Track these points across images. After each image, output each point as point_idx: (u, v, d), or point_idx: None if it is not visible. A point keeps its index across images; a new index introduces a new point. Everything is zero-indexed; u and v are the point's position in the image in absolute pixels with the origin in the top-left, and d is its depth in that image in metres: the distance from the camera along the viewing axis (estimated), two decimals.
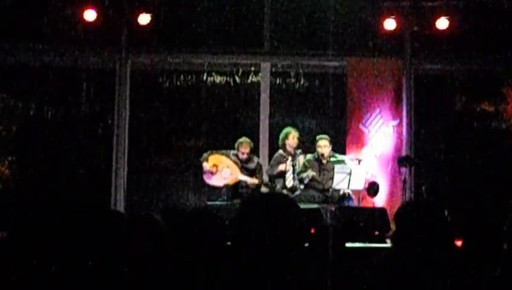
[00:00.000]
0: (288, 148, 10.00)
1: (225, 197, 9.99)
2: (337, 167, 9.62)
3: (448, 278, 3.01)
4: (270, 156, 10.66)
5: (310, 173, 9.82)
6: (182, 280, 3.25)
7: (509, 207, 3.47)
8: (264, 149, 11.15)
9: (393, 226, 3.25)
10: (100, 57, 11.25)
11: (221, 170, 9.96)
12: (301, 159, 10.01)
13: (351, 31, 11.31)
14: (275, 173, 10.07)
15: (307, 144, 10.31)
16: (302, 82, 11.71)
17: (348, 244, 6.42)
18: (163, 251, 3.18)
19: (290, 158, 9.93)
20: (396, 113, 11.16)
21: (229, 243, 2.64)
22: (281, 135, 10.09)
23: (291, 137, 9.98)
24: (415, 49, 11.31)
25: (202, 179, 10.12)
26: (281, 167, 9.97)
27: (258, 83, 11.58)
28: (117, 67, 11.24)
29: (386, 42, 11.26)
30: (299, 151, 10.05)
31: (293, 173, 9.92)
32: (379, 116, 11.11)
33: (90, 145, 11.22)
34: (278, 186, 9.98)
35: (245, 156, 10.02)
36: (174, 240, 3.78)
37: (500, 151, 11.26)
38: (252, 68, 11.64)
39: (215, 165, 9.97)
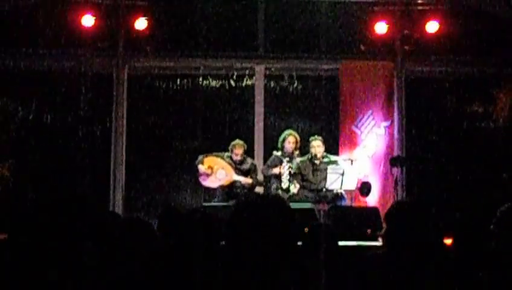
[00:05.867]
0: (286, 150, 10.15)
1: (221, 198, 10.11)
2: (330, 168, 9.70)
3: (438, 275, 3.05)
4: (265, 157, 10.77)
5: (296, 188, 9.93)
6: (179, 280, 3.29)
7: (497, 206, 3.53)
8: (259, 151, 11.21)
9: (385, 225, 3.34)
10: (98, 61, 11.26)
11: (216, 172, 10.04)
12: (298, 161, 10.08)
13: (343, 34, 11.38)
14: (269, 173, 10.21)
15: (301, 146, 10.41)
16: (295, 85, 11.74)
17: (341, 243, 6.51)
18: (157, 252, 3.23)
19: (286, 160, 10.06)
20: (387, 114, 11.25)
21: (223, 243, 2.69)
22: (280, 138, 10.19)
23: (287, 142, 10.04)
24: (405, 52, 11.36)
25: (198, 181, 10.21)
26: (275, 170, 10.09)
27: (253, 86, 11.62)
28: (114, 72, 11.28)
29: (378, 45, 11.34)
30: (296, 153, 10.15)
31: (289, 174, 10.06)
32: (371, 118, 11.20)
33: (88, 148, 11.21)
34: (274, 186, 10.07)
35: (239, 158, 10.11)
36: (170, 241, 3.89)
37: (489, 152, 11.34)
38: (247, 71, 11.67)
39: (210, 167, 10.05)
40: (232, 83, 11.75)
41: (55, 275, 2.80)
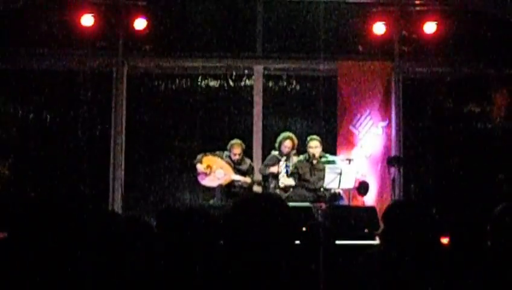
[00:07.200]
0: (283, 152, 10.19)
1: (219, 197, 10.13)
2: (328, 167, 9.73)
3: (435, 274, 3.06)
4: (263, 157, 10.81)
5: (289, 181, 10.00)
6: (176, 279, 3.27)
7: (494, 205, 3.53)
8: (257, 151, 11.24)
9: (382, 224, 3.37)
10: (97, 61, 11.28)
11: (215, 171, 10.07)
12: (295, 160, 10.13)
13: (341, 35, 11.42)
14: (266, 173, 10.25)
15: (299, 147, 10.44)
16: (294, 85, 11.79)
17: (338, 242, 6.55)
18: (156, 251, 3.22)
19: (283, 159, 10.11)
20: (385, 114, 11.29)
21: (222, 242, 2.68)
22: (277, 139, 10.23)
23: (284, 146, 10.10)
24: (403, 52, 11.42)
25: (197, 180, 10.26)
26: (273, 169, 10.13)
27: (251, 86, 11.65)
28: (114, 71, 11.29)
29: (376, 46, 11.39)
30: (293, 152, 10.20)
31: (286, 173, 10.10)
32: (369, 118, 11.23)
33: (88, 147, 11.21)
34: (272, 186, 10.14)
35: (237, 157, 10.16)
36: (168, 240, 3.84)
37: (485, 151, 11.39)
38: (245, 71, 11.71)
39: (209, 167, 10.09)
40: (231, 82, 11.78)
41: (55, 275, 2.80)
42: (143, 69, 11.59)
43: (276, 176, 10.13)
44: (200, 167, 10.11)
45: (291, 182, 9.98)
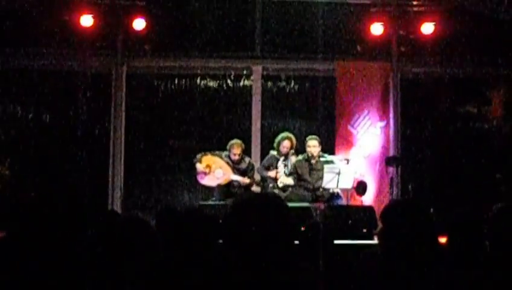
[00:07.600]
0: (281, 152, 10.21)
1: (218, 197, 10.15)
2: (326, 167, 9.74)
3: (432, 273, 3.04)
4: (262, 157, 10.86)
5: (289, 180, 10.06)
6: (176, 279, 3.26)
7: (491, 205, 3.54)
8: (256, 150, 11.28)
9: (380, 224, 3.38)
10: (97, 61, 11.30)
11: (214, 171, 10.09)
12: (293, 160, 10.17)
13: (339, 35, 11.43)
14: (264, 175, 10.30)
15: (297, 147, 10.46)
16: (292, 85, 11.82)
17: (337, 241, 6.57)
18: (155, 251, 3.21)
19: (282, 159, 10.15)
20: (383, 114, 11.31)
21: (221, 241, 2.70)
22: (276, 139, 10.26)
23: (282, 146, 10.12)
24: (401, 52, 11.47)
25: (196, 180, 10.27)
26: (270, 173, 10.19)
27: (250, 86, 11.68)
28: (113, 71, 11.32)
29: (374, 46, 11.42)
30: (292, 152, 10.22)
31: (285, 173, 10.12)
32: (367, 118, 11.24)
33: (87, 147, 11.24)
34: (270, 185, 10.16)
35: (236, 157, 10.16)
36: (167, 240, 3.84)
37: (482, 151, 11.45)
38: (244, 72, 11.74)
39: (208, 166, 10.11)
40: (230, 83, 11.80)
41: (54, 274, 2.80)
42: (142, 69, 11.61)
43: (274, 178, 10.16)
44: (199, 167, 10.13)
45: (290, 181, 10.02)
